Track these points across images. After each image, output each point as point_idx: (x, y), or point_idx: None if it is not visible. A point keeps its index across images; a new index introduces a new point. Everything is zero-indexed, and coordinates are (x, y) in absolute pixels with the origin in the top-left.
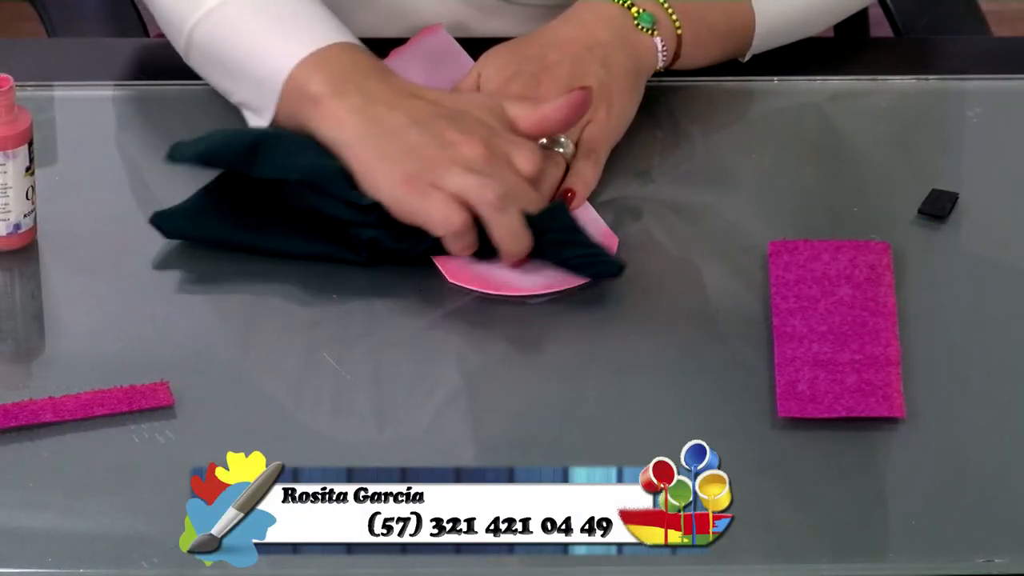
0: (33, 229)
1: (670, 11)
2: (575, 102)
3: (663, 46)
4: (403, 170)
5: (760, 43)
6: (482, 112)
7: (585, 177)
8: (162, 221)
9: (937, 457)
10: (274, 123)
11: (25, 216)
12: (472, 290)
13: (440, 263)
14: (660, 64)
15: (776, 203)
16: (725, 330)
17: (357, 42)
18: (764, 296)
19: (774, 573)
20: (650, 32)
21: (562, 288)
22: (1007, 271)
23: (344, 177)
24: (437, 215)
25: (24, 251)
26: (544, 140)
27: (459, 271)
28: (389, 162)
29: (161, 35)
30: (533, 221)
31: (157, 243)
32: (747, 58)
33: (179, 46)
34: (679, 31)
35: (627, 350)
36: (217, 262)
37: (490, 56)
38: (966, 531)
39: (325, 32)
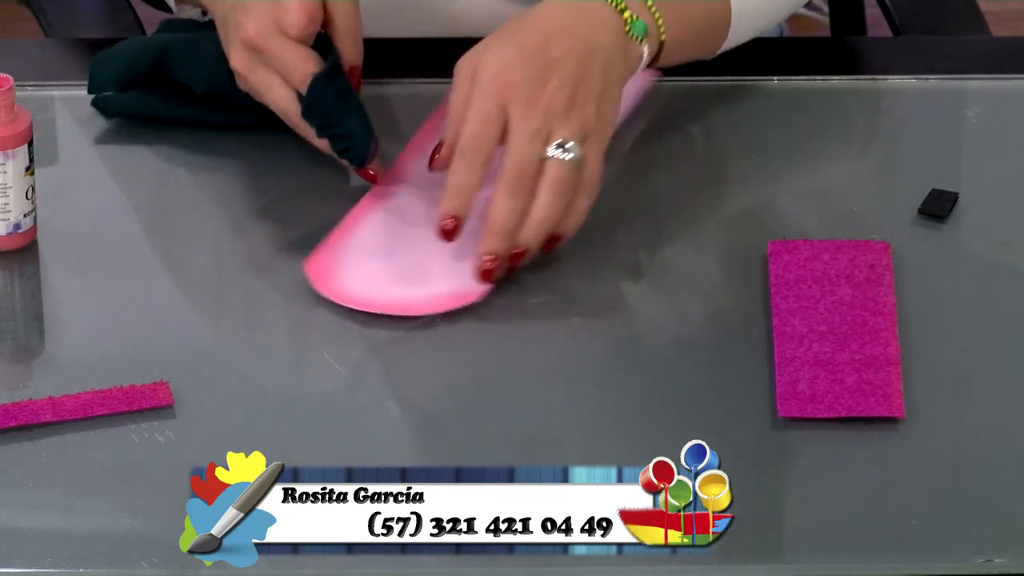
0: (33, 229)
1: (657, 15)
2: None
3: (648, 54)
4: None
5: (732, 40)
6: None
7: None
8: (103, 104)
9: (937, 457)
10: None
11: (25, 216)
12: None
13: (310, 273)
14: (639, 71)
15: (776, 203)
16: (725, 330)
17: None
18: (764, 296)
19: (774, 573)
20: (640, 41)
21: (462, 305)
22: (1007, 271)
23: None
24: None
25: (24, 251)
26: (552, 148)
27: (331, 285)
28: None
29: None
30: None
31: (157, 243)
32: (716, 55)
33: None
34: (662, 37)
35: (627, 350)
36: (218, 261)
37: (486, 49)
38: (966, 531)
39: None
